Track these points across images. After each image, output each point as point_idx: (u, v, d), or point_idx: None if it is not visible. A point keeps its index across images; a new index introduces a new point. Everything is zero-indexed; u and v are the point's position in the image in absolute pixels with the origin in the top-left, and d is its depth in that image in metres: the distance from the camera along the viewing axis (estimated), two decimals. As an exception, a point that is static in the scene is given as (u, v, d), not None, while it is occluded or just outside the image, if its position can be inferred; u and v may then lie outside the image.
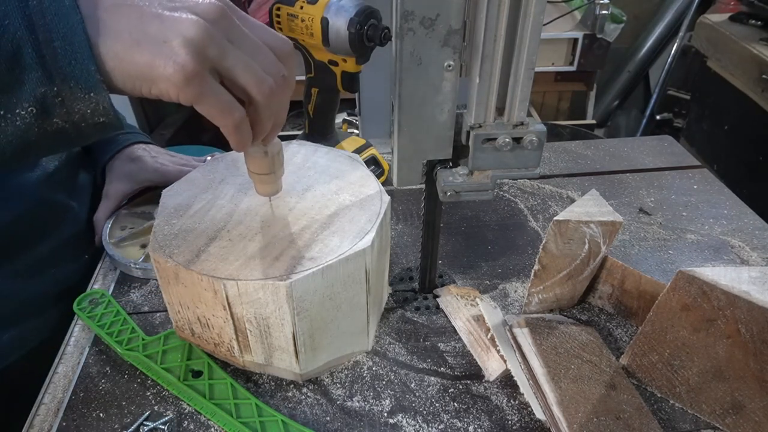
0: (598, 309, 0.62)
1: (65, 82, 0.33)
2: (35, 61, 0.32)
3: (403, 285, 0.65)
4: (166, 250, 0.48)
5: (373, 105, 0.96)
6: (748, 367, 0.46)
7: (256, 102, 0.39)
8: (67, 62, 0.33)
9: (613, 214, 0.54)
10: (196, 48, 0.34)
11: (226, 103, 0.37)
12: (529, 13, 0.40)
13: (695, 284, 0.46)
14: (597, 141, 0.97)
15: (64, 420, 0.51)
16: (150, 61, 0.34)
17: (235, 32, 0.37)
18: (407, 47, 0.43)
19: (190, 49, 0.34)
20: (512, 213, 0.78)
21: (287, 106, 0.43)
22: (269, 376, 0.54)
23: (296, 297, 0.45)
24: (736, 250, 0.70)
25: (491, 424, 0.50)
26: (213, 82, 0.36)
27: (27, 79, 0.32)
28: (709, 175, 0.85)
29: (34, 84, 0.33)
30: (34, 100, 0.33)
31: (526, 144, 0.46)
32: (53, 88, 0.33)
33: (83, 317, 0.60)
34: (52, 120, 0.34)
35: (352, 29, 0.65)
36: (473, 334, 0.58)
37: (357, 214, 0.52)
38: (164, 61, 0.34)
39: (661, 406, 0.52)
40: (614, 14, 1.83)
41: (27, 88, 0.33)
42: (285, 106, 0.42)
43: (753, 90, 1.52)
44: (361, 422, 0.50)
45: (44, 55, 0.32)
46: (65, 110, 0.34)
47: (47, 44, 0.32)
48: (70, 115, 0.35)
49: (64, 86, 0.33)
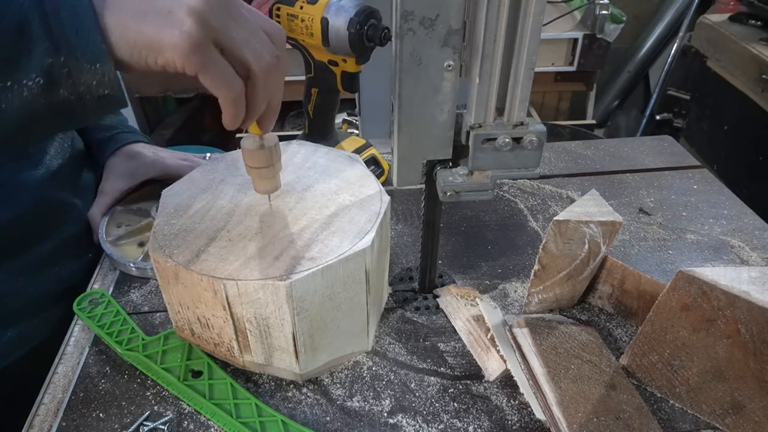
0: (598, 309, 0.62)
1: (72, 52, 0.34)
2: (42, 31, 0.33)
3: (403, 285, 0.65)
4: (166, 250, 0.48)
5: (373, 105, 0.96)
6: (747, 367, 0.46)
7: (255, 76, 0.40)
8: (73, 33, 0.33)
9: (613, 214, 0.54)
10: (201, 17, 0.35)
11: (229, 75, 0.38)
12: (529, 13, 0.40)
13: (695, 284, 0.46)
14: (597, 141, 0.97)
15: (64, 420, 0.51)
16: (156, 30, 0.35)
17: (234, 9, 0.38)
18: (407, 47, 0.43)
19: (194, 18, 0.35)
20: (512, 213, 0.78)
21: (281, 89, 0.44)
22: (269, 376, 0.54)
23: (296, 297, 0.45)
24: (736, 250, 0.70)
25: (491, 424, 0.50)
26: (216, 53, 0.37)
27: (34, 50, 0.33)
28: (709, 175, 0.85)
29: (41, 55, 0.33)
30: (41, 70, 0.34)
31: (526, 144, 0.46)
32: (60, 58, 0.34)
33: (83, 317, 0.60)
34: (58, 91, 0.35)
35: (352, 29, 0.65)
36: (473, 334, 0.58)
37: (357, 214, 0.52)
38: (170, 30, 0.35)
39: (661, 406, 0.52)
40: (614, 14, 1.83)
41: (34, 59, 0.33)
42: (280, 88, 0.43)
43: (753, 90, 1.52)
44: (361, 422, 0.50)
45: (51, 26, 0.33)
46: (71, 81, 0.35)
47: (54, 15, 0.33)
48: (75, 86, 0.35)
49: (71, 57, 0.34)
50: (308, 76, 0.76)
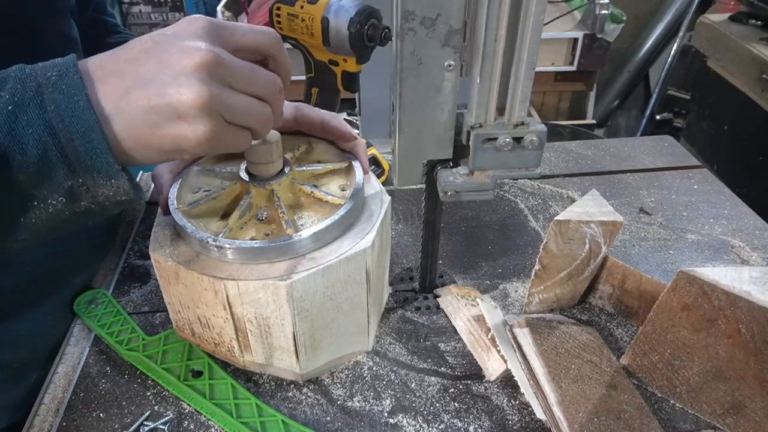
0: (599, 309, 0.62)
1: (88, 173, 0.37)
2: (60, 160, 0.36)
3: (404, 285, 0.65)
4: (166, 249, 0.48)
5: (373, 105, 0.96)
6: (748, 367, 0.46)
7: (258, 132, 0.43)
8: (88, 157, 0.36)
9: (613, 214, 0.54)
10: (209, 112, 0.37)
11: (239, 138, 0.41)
12: (530, 13, 0.40)
13: (696, 284, 0.46)
14: (597, 141, 0.97)
15: (64, 420, 0.51)
16: (173, 140, 0.38)
17: (228, 72, 0.39)
18: (408, 47, 0.43)
19: (204, 118, 0.37)
20: (512, 213, 0.78)
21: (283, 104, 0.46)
22: (269, 376, 0.54)
23: (296, 297, 0.45)
24: (736, 250, 0.70)
25: (491, 424, 0.50)
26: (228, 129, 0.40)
27: (55, 176, 0.36)
28: (709, 175, 0.85)
29: (61, 179, 0.37)
30: (63, 191, 0.37)
31: (527, 144, 0.46)
32: (78, 180, 0.37)
33: (83, 317, 0.60)
34: (79, 203, 0.39)
35: (353, 29, 0.65)
36: (473, 334, 0.58)
37: (357, 214, 0.52)
38: (187, 134, 0.38)
39: (661, 406, 0.52)
40: (614, 14, 1.83)
41: (55, 183, 0.37)
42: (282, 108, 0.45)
43: (753, 90, 1.52)
44: (361, 422, 0.50)
45: (67, 155, 0.36)
46: (90, 195, 0.38)
47: (69, 144, 0.36)
48: (95, 198, 0.39)
49: (88, 177, 0.37)
50: (308, 75, 0.76)
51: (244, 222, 0.50)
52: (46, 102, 0.35)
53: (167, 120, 0.37)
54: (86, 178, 0.37)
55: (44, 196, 0.37)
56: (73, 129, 0.36)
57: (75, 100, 0.36)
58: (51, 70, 0.36)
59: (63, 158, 0.36)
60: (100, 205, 0.39)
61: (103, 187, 0.38)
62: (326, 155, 0.58)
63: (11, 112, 0.35)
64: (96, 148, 0.36)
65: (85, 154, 0.36)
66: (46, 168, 0.36)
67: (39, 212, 0.38)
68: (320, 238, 0.48)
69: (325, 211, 0.51)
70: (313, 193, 0.52)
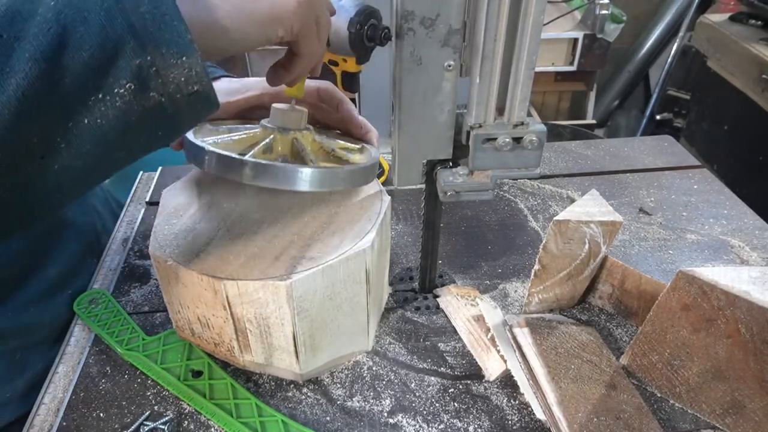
0: (598, 309, 0.62)
1: (157, 48, 0.33)
2: (126, 30, 0.32)
3: (403, 285, 0.65)
4: (166, 250, 0.48)
5: (373, 105, 0.95)
6: (748, 367, 0.46)
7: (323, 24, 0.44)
8: (156, 26, 0.32)
9: (613, 214, 0.54)
10: None
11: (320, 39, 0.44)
12: (529, 13, 0.40)
13: (695, 284, 0.46)
14: (597, 141, 0.97)
15: (64, 420, 0.51)
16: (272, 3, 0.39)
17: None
18: (407, 47, 0.43)
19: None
20: (512, 213, 0.78)
21: None
22: (269, 376, 0.54)
23: (296, 297, 0.46)
24: (736, 250, 0.70)
25: (491, 424, 0.50)
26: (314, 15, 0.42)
27: (121, 53, 0.32)
28: (709, 175, 0.85)
29: (128, 57, 0.32)
30: (130, 74, 0.33)
31: (527, 144, 0.46)
32: (146, 57, 0.32)
33: (83, 317, 0.60)
34: (149, 94, 0.34)
35: (352, 29, 0.65)
36: (473, 334, 0.58)
37: (357, 214, 0.52)
38: None
39: (661, 406, 0.52)
40: (614, 14, 1.83)
41: (122, 63, 0.32)
42: None
43: (753, 90, 1.52)
44: (361, 422, 0.50)
45: (133, 23, 0.32)
46: (160, 80, 0.34)
47: (135, 10, 0.32)
48: (165, 86, 0.34)
49: (157, 53, 0.33)
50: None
51: (266, 158, 0.50)
52: None
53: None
54: (155, 54, 0.32)
55: (110, 85, 0.32)
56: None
57: None
58: None
59: (129, 27, 0.32)
60: (170, 97, 0.34)
61: (173, 67, 0.33)
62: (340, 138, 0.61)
63: None
64: (165, 15, 0.32)
65: (152, 21, 0.32)
66: (111, 41, 0.31)
67: (105, 108, 0.33)
68: (338, 178, 0.47)
69: None
70: (333, 151, 0.54)
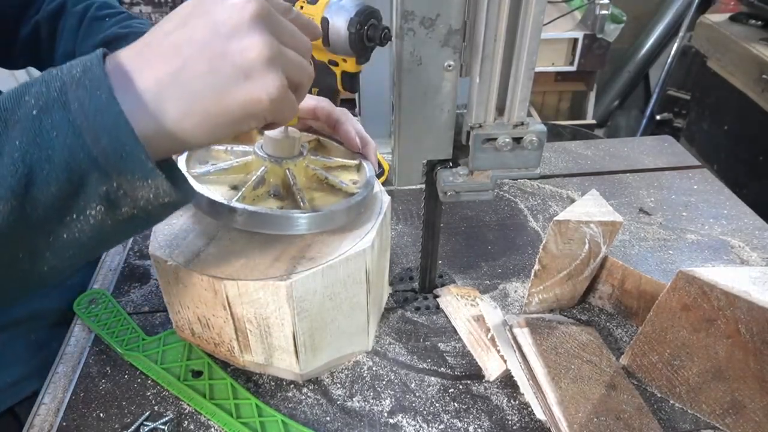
0: (598, 309, 0.62)
1: (122, 175, 0.33)
2: (89, 163, 0.32)
3: (403, 285, 0.65)
4: (166, 250, 0.48)
5: (373, 105, 0.96)
6: (748, 367, 0.46)
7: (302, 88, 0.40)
8: (117, 157, 0.33)
9: (613, 214, 0.54)
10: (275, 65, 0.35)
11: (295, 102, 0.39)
12: (529, 13, 0.40)
13: (695, 284, 0.46)
14: (597, 141, 0.97)
15: (64, 420, 0.51)
16: (243, 103, 0.35)
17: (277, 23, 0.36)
18: (407, 47, 0.43)
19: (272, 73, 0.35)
20: (512, 213, 0.78)
21: None
22: (269, 376, 0.54)
23: (296, 297, 0.45)
24: (736, 250, 0.70)
25: (491, 424, 0.50)
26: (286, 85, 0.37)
27: (88, 183, 0.33)
28: (709, 175, 0.85)
29: (94, 185, 0.33)
30: (99, 198, 0.34)
31: (526, 144, 0.46)
32: (112, 183, 0.33)
33: (83, 317, 0.60)
34: (120, 210, 0.35)
35: (352, 29, 0.65)
36: (473, 334, 0.58)
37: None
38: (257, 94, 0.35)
39: (661, 406, 0.52)
40: (614, 14, 1.83)
41: (90, 190, 0.33)
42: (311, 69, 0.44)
43: (753, 90, 1.52)
44: (361, 422, 0.50)
45: (96, 156, 0.32)
46: (130, 199, 0.35)
47: (96, 144, 0.32)
48: (135, 202, 0.35)
49: (122, 179, 0.33)
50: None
51: (257, 194, 0.49)
52: (70, 101, 0.32)
53: (234, 81, 0.34)
54: (120, 180, 0.33)
55: (82, 207, 0.34)
56: (98, 126, 0.32)
57: (98, 94, 0.32)
58: (76, 67, 0.33)
59: (92, 161, 0.32)
60: (143, 210, 0.36)
61: (140, 189, 0.34)
62: (337, 152, 0.59)
63: (35, 117, 0.32)
64: (125, 146, 0.32)
65: (113, 153, 0.32)
66: (76, 174, 0.32)
67: (80, 225, 0.35)
68: (334, 218, 0.47)
69: (337, 198, 0.51)
70: (327, 179, 0.53)
